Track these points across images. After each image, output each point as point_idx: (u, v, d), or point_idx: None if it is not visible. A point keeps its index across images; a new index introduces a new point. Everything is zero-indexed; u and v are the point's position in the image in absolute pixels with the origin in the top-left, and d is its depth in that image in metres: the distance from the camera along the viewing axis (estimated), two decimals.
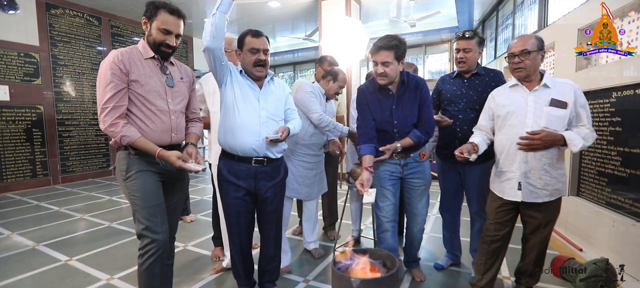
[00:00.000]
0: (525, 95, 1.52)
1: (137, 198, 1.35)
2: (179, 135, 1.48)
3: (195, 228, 2.97)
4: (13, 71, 4.67)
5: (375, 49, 1.64)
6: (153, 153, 1.33)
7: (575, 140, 1.41)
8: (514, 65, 1.52)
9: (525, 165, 1.50)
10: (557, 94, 1.47)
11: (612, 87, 2.18)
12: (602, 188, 2.30)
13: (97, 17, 5.59)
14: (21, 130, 4.77)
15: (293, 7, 5.86)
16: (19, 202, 4.02)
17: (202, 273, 2.10)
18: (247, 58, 1.57)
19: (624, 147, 2.09)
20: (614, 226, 2.10)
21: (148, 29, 1.39)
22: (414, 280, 1.98)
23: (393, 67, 1.63)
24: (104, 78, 1.30)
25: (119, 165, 1.39)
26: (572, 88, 1.48)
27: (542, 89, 1.49)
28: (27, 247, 2.56)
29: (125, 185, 1.37)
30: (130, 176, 1.36)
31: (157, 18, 1.37)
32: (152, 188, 1.38)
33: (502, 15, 5.37)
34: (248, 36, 1.58)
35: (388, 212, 1.82)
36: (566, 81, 1.53)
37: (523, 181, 1.51)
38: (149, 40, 1.40)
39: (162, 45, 1.39)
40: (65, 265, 2.24)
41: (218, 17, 1.40)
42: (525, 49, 1.47)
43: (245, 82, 1.60)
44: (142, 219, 1.35)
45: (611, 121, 2.21)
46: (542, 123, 1.45)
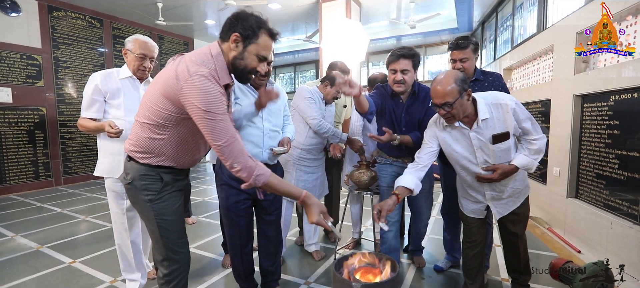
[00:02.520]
0: (467, 133, 1.47)
1: (166, 223, 1.20)
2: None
3: (197, 230, 3.00)
4: (15, 73, 4.70)
5: (395, 57, 1.72)
6: (297, 197, 1.15)
7: (528, 165, 1.47)
8: (441, 114, 1.43)
9: (492, 192, 1.57)
10: (497, 123, 1.42)
11: (610, 91, 2.19)
12: (600, 191, 2.32)
13: (98, 19, 5.61)
14: (24, 132, 4.80)
15: (293, 8, 5.88)
16: (22, 204, 4.05)
17: (204, 275, 2.13)
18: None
19: (622, 150, 2.11)
20: (612, 228, 2.12)
21: (239, 49, 1.11)
22: (418, 268, 2.20)
23: (410, 75, 1.74)
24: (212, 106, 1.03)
25: (145, 183, 1.17)
26: (509, 109, 1.40)
27: (483, 124, 1.43)
28: (32, 249, 2.59)
29: (151, 208, 1.18)
30: (161, 198, 1.19)
31: (257, 42, 1.12)
32: (180, 210, 1.26)
33: (501, 17, 5.38)
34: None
35: (394, 212, 1.89)
36: (500, 102, 1.42)
37: (492, 204, 1.60)
38: (238, 64, 1.12)
39: (251, 72, 1.15)
40: (69, 267, 2.26)
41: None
42: (446, 102, 1.35)
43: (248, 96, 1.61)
44: (169, 244, 1.21)
45: (609, 124, 2.23)
46: (492, 161, 1.48)
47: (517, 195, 1.58)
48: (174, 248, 1.23)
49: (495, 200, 1.58)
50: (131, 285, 1.88)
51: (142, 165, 1.18)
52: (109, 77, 1.72)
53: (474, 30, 7.01)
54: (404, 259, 2.30)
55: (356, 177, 2.21)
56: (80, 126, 1.75)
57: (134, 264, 1.86)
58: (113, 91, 1.71)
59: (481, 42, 6.63)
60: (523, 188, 1.59)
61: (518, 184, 1.56)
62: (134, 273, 1.87)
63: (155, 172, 1.19)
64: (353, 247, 2.57)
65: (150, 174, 1.18)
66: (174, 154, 1.19)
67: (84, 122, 1.72)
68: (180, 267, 1.26)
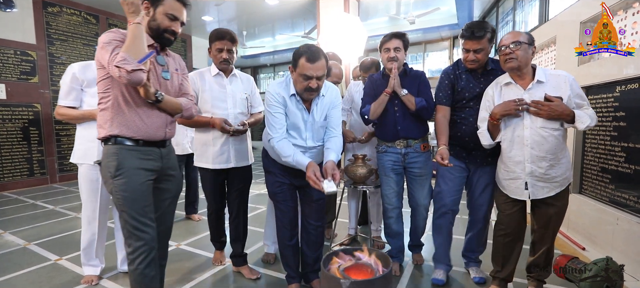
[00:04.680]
0: (519, 93, 1.51)
1: (125, 199, 1.25)
2: (172, 129, 1.43)
3: (190, 227, 2.92)
4: (10, 69, 4.65)
5: (388, 37, 1.86)
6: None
7: (582, 117, 1.42)
8: (505, 56, 1.50)
9: (531, 165, 1.51)
10: (551, 89, 1.47)
11: (616, 81, 2.11)
12: (606, 186, 2.23)
13: (94, 15, 5.56)
14: (18, 129, 4.75)
15: (291, 4, 5.81)
16: (15, 201, 4.00)
17: (195, 273, 2.05)
18: (299, 82, 1.52)
19: (628, 143, 2.03)
20: (618, 224, 2.04)
21: (151, 13, 1.31)
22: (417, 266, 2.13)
23: (402, 54, 1.87)
24: (106, 47, 1.19)
25: (107, 160, 1.27)
26: (567, 80, 1.47)
27: (536, 86, 1.49)
28: (18, 246, 2.52)
29: (113, 184, 1.26)
30: (120, 174, 1.26)
31: (163, 3, 1.31)
32: (141, 188, 1.28)
33: (502, 11, 5.30)
34: (302, 58, 1.48)
35: (392, 199, 1.95)
36: (560, 73, 1.51)
37: (530, 181, 1.53)
38: (151, 25, 1.31)
39: (166, 32, 1.33)
40: (55, 264, 2.19)
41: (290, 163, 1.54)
42: (516, 40, 1.47)
43: (296, 110, 1.60)
44: (129, 220, 1.26)
45: (615, 116, 2.14)
46: (540, 122, 1.47)
47: (555, 181, 1.51)
48: (137, 225, 1.27)
49: (533, 177, 1.52)
50: (89, 270, 1.94)
51: (109, 146, 1.28)
52: (87, 68, 1.81)
53: None
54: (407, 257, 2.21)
55: (352, 171, 2.14)
56: (59, 114, 1.82)
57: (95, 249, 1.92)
58: (90, 80, 1.79)
59: None
60: (562, 178, 1.52)
61: (559, 171, 1.50)
62: (93, 260, 1.94)
63: (117, 149, 1.27)
64: (348, 244, 2.49)
65: (112, 151, 1.27)
66: (126, 121, 1.27)
67: (64, 110, 1.79)
68: (144, 245, 1.28)
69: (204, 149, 1.91)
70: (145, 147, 1.31)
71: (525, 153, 1.51)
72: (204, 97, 1.87)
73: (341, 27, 4.39)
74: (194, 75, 1.87)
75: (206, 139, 1.90)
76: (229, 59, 1.86)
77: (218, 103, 1.88)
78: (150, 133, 1.31)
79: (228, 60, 1.85)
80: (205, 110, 1.89)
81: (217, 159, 1.90)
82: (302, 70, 1.49)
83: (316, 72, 1.48)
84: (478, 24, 1.65)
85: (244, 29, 7.84)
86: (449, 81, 1.78)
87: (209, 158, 1.90)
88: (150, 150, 1.33)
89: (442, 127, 1.77)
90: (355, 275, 1.11)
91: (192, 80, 1.83)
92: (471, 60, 1.68)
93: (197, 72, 1.91)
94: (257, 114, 2.05)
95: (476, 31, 1.62)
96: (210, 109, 1.87)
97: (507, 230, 1.66)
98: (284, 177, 1.68)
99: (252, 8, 6.20)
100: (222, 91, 1.90)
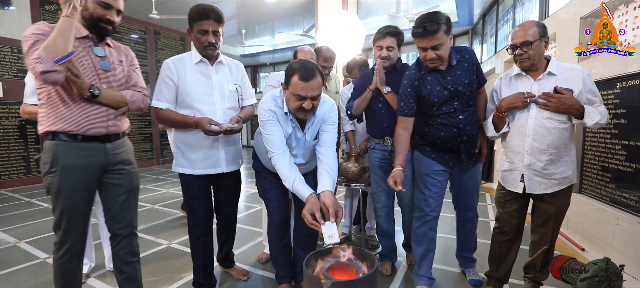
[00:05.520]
0: (529, 85, 1.46)
1: (58, 195, 1.22)
2: (117, 124, 1.33)
3: (177, 227, 2.89)
4: (6, 67, 4.63)
5: (381, 35, 1.78)
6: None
7: (592, 113, 1.36)
8: (517, 56, 1.44)
9: (530, 157, 1.46)
10: (563, 81, 1.41)
11: (616, 77, 2.06)
12: (606, 185, 2.17)
13: None
14: (14, 127, 4.73)
15: (289, 2, 5.77)
16: (11, 199, 3.98)
17: (182, 272, 2.01)
18: (291, 100, 1.35)
19: (629, 141, 1.97)
20: (618, 224, 1.98)
21: (83, 3, 1.22)
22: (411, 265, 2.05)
23: (395, 52, 1.79)
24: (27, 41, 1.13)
25: (43, 156, 1.24)
26: (581, 74, 1.40)
27: (547, 77, 1.43)
28: (9, 243, 2.49)
29: (48, 179, 1.23)
30: (54, 170, 1.22)
31: None
32: (77, 186, 1.24)
33: (502, 9, 5.23)
34: (295, 77, 1.30)
35: (380, 197, 1.90)
36: (574, 66, 1.44)
37: (526, 173, 1.48)
38: (84, 15, 1.24)
39: (100, 21, 1.25)
40: (43, 262, 2.16)
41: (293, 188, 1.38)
42: (526, 41, 1.39)
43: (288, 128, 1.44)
44: (61, 215, 1.24)
45: (615, 113, 2.08)
46: (545, 113, 1.41)
47: (554, 178, 1.45)
48: (68, 221, 1.25)
49: (530, 170, 1.47)
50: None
51: (46, 141, 1.25)
52: None
53: (475, 23, 6.86)
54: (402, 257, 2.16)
55: (344, 168, 2.10)
56: (26, 113, 1.76)
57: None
58: None
59: (482, 36, 6.48)
60: (563, 177, 1.46)
61: (560, 168, 1.44)
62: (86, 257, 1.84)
63: (53, 145, 1.23)
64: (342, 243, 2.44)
65: (48, 147, 1.24)
66: (62, 116, 1.22)
67: (30, 108, 1.73)
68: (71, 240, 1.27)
69: (186, 151, 1.59)
70: (85, 143, 1.26)
71: (526, 143, 1.45)
72: (185, 90, 1.53)
73: (339, 25, 4.35)
74: (171, 62, 1.54)
75: (189, 139, 1.58)
76: (216, 43, 1.54)
77: (202, 97, 1.55)
78: (88, 128, 1.25)
79: (214, 44, 1.53)
80: (186, 105, 1.54)
81: (204, 163, 1.58)
82: (294, 90, 1.31)
83: (311, 92, 1.31)
84: (430, 17, 1.43)
85: (243, 28, 7.81)
86: (413, 89, 1.57)
87: (194, 161, 1.58)
88: (90, 145, 1.27)
89: (400, 142, 1.57)
90: (339, 275, 1.07)
91: (169, 68, 1.53)
92: (431, 59, 1.47)
93: (174, 59, 1.56)
94: (248, 107, 1.72)
95: (428, 25, 1.40)
96: (193, 104, 1.53)
97: (505, 229, 1.61)
98: (276, 180, 1.55)
99: (251, 6, 6.16)
100: (207, 82, 1.56)
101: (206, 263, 1.69)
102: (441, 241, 2.04)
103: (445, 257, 2.17)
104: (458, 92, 1.53)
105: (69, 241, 1.27)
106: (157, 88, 1.56)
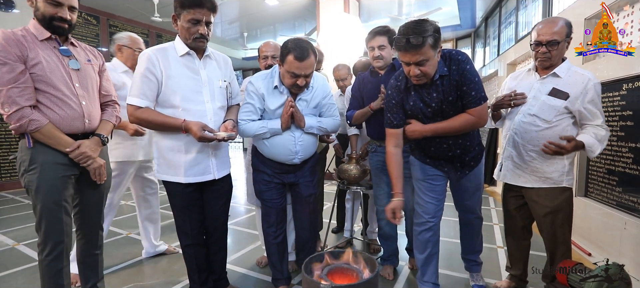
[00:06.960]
0: (533, 82, 1.49)
1: (37, 193, 1.23)
2: (93, 122, 1.35)
3: None
4: None
5: (371, 36, 1.78)
6: (64, 147, 1.25)
7: (593, 146, 1.34)
8: (539, 55, 1.42)
9: (511, 149, 1.53)
10: (565, 85, 1.41)
11: (623, 78, 2.02)
12: (613, 188, 2.13)
13: (95, 16, 5.56)
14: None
15: (291, 5, 5.78)
16: (11, 201, 3.97)
17: (181, 275, 1.98)
18: (286, 77, 1.48)
19: (636, 143, 1.93)
20: (625, 228, 1.93)
21: (34, 3, 1.22)
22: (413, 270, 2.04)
23: (387, 50, 1.77)
24: None
25: (21, 155, 1.25)
26: (585, 81, 1.37)
27: (551, 78, 1.44)
28: (7, 246, 2.48)
29: (26, 178, 1.24)
30: (33, 169, 1.23)
31: None
32: (56, 183, 1.25)
33: (505, 12, 5.21)
34: (290, 55, 1.40)
35: (382, 201, 1.87)
36: (584, 72, 1.41)
37: (505, 163, 1.57)
38: (37, 15, 1.23)
39: (54, 19, 1.23)
40: None
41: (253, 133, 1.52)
42: (554, 40, 1.36)
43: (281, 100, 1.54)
44: (42, 213, 1.25)
45: (622, 115, 2.05)
46: (534, 110, 1.44)
47: (537, 175, 1.46)
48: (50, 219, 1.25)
49: (509, 160, 1.53)
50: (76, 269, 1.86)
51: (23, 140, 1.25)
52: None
53: (478, 26, 6.84)
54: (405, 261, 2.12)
55: (345, 170, 2.07)
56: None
57: None
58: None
59: (485, 39, 6.45)
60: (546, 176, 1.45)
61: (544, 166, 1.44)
62: None
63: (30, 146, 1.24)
64: (344, 247, 2.41)
65: (25, 147, 1.24)
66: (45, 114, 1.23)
67: None
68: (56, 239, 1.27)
69: (172, 157, 1.41)
70: None
71: (509, 137, 1.53)
72: (170, 87, 1.35)
73: (341, 28, 4.35)
74: (152, 53, 1.35)
75: (175, 144, 1.40)
76: (207, 36, 1.38)
77: (191, 95, 1.38)
78: (64, 126, 1.26)
79: (206, 36, 1.37)
80: (170, 104, 1.37)
81: (192, 170, 1.42)
82: (289, 68, 1.42)
83: (304, 71, 1.42)
84: (414, 27, 1.21)
85: (245, 31, 7.83)
86: (397, 101, 1.45)
87: (181, 168, 1.41)
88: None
89: (393, 165, 1.43)
90: (339, 280, 1.04)
91: (151, 61, 1.33)
92: (416, 76, 1.29)
93: (156, 50, 1.36)
94: (235, 106, 1.59)
95: (413, 38, 1.19)
96: (180, 104, 1.37)
97: (510, 230, 1.66)
98: (274, 177, 1.63)
99: (252, 9, 6.17)
100: (195, 78, 1.40)
101: (200, 268, 1.56)
102: (445, 245, 1.99)
103: (449, 261, 2.13)
104: (442, 110, 1.38)
105: (51, 240, 1.26)
106: (136, 83, 1.35)
